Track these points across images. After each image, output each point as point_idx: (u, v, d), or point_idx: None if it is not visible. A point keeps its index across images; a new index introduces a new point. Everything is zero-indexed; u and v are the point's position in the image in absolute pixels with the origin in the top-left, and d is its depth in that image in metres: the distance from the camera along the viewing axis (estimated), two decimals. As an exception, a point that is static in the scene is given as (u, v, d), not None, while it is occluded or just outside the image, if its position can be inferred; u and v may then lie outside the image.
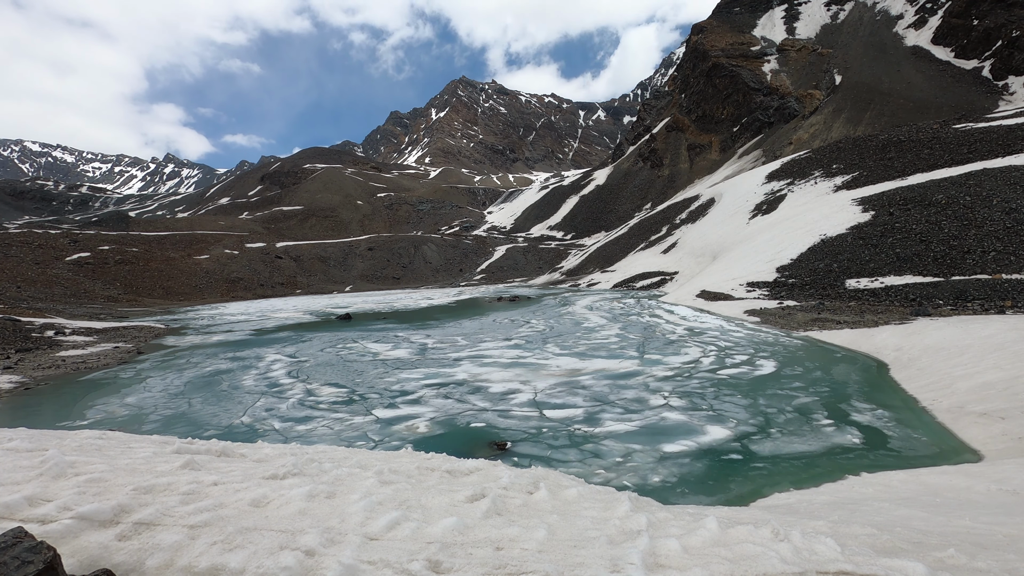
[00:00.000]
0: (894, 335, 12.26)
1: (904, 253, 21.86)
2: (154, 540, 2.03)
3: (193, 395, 10.58)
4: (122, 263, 54.95)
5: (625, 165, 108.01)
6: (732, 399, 8.79)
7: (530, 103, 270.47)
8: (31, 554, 1.56)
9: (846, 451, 6.45)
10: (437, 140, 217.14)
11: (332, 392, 10.34)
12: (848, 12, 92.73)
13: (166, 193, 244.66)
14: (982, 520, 3.47)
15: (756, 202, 42.14)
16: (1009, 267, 18.60)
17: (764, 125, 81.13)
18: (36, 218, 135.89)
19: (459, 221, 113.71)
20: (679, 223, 53.32)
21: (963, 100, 61.35)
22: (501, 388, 10.11)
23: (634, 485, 5.53)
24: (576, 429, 7.51)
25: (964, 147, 32.36)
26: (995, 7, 68.58)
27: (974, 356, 9.17)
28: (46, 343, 17.42)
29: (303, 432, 7.81)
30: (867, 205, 28.09)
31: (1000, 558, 2.46)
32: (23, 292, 37.18)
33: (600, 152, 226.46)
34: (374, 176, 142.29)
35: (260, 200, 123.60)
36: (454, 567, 1.97)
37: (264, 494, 2.66)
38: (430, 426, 7.94)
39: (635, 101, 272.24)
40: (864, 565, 2.06)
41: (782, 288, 23.00)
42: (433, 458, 4.13)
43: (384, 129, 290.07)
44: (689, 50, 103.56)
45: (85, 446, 3.63)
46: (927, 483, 5.07)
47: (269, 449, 4.28)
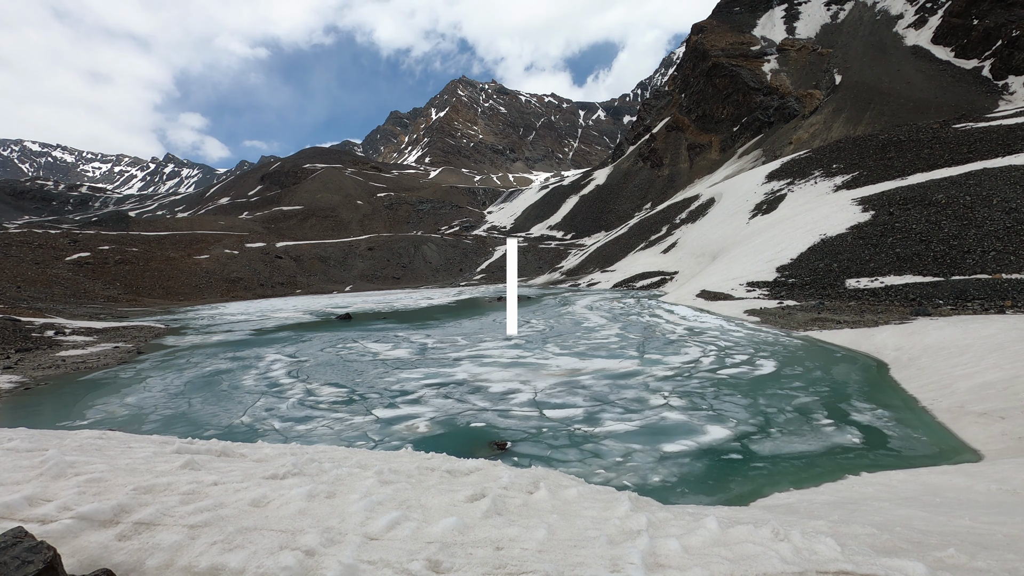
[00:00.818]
0: (894, 335, 12.26)
1: (904, 253, 21.86)
2: (154, 540, 2.03)
3: (193, 395, 10.58)
4: (122, 263, 54.96)
5: (625, 165, 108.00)
6: (732, 399, 8.79)
7: (530, 103, 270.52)
8: (31, 554, 1.56)
9: (846, 451, 6.45)
10: (437, 140, 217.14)
11: (332, 392, 10.34)
12: (848, 12, 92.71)
13: (166, 193, 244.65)
14: (982, 520, 3.47)
15: (756, 202, 42.14)
16: (1009, 267, 18.60)
17: (764, 125, 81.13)
18: (36, 218, 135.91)
19: (459, 221, 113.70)
20: (679, 223, 53.32)
21: (963, 100, 61.34)
22: (501, 388, 10.11)
23: (634, 485, 5.53)
24: (576, 429, 7.51)
25: (964, 147, 32.36)
26: (995, 7, 68.57)
27: (974, 356, 9.17)
28: (46, 343, 17.41)
29: (303, 432, 7.81)
30: (867, 205, 28.09)
31: (1000, 558, 2.46)
32: (23, 292, 37.18)
33: (600, 152, 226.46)
34: (374, 176, 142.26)
35: (260, 200, 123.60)
36: (454, 567, 1.97)
37: (264, 494, 2.66)
38: (430, 426, 7.94)
39: (635, 101, 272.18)
40: (864, 565, 2.06)
41: (782, 288, 22.99)
42: (433, 458, 4.13)
43: (384, 129, 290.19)
44: (689, 50, 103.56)
45: (85, 446, 3.63)
46: (927, 483, 5.07)
47: (269, 449, 4.28)
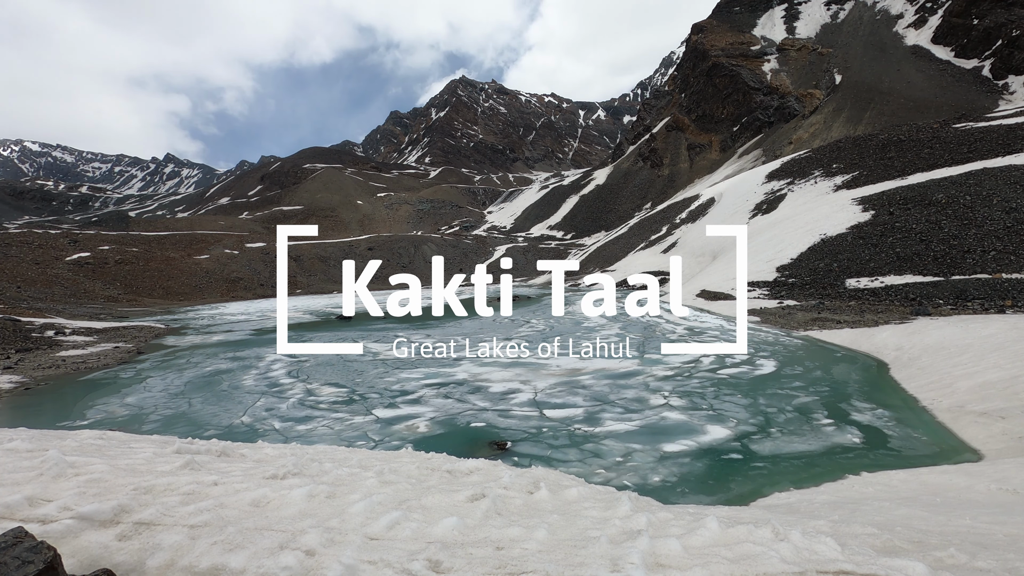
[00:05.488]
0: (894, 335, 12.25)
1: (904, 252, 21.85)
2: (155, 540, 2.03)
3: (193, 395, 10.57)
4: (122, 263, 54.94)
5: (625, 165, 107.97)
6: (732, 399, 8.79)
7: (530, 103, 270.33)
8: (31, 554, 1.56)
9: (846, 450, 6.45)
10: (437, 140, 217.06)
11: (332, 392, 10.33)
12: (848, 12, 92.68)
13: (166, 193, 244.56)
14: (982, 519, 3.47)
15: (756, 202, 42.12)
16: (1009, 266, 18.59)
17: (764, 125, 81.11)
18: (36, 218, 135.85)
19: (459, 221, 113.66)
20: (679, 223, 53.30)
21: (963, 99, 61.32)
22: (501, 388, 10.10)
23: (634, 485, 5.53)
24: (576, 429, 7.51)
25: (964, 146, 32.34)
26: (995, 7, 68.54)
27: (974, 356, 9.16)
28: (46, 343, 17.41)
29: (303, 432, 7.81)
30: (867, 205, 28.08)
31: (1001, 557, 2.46)
32: (23, 292, 37.17)
33: (600, 152, 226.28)
34: (374, 176, 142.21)
35: (260, 200, 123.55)
36: (455, 567, 1.97)
37: (265, 494, 2.66)
38: (430, 426, 7.94)
39: (635, 100, 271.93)
40: (864, 565, 2.06)
41: (782, 288, 22.98)
42: (433, 458, 4.13)
43: (384, 129, 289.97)
44: (689, 50, 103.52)
45: (85, 446, 3.63)
46: (927, 482, 5.07)
47: (269, 449, 4.28)
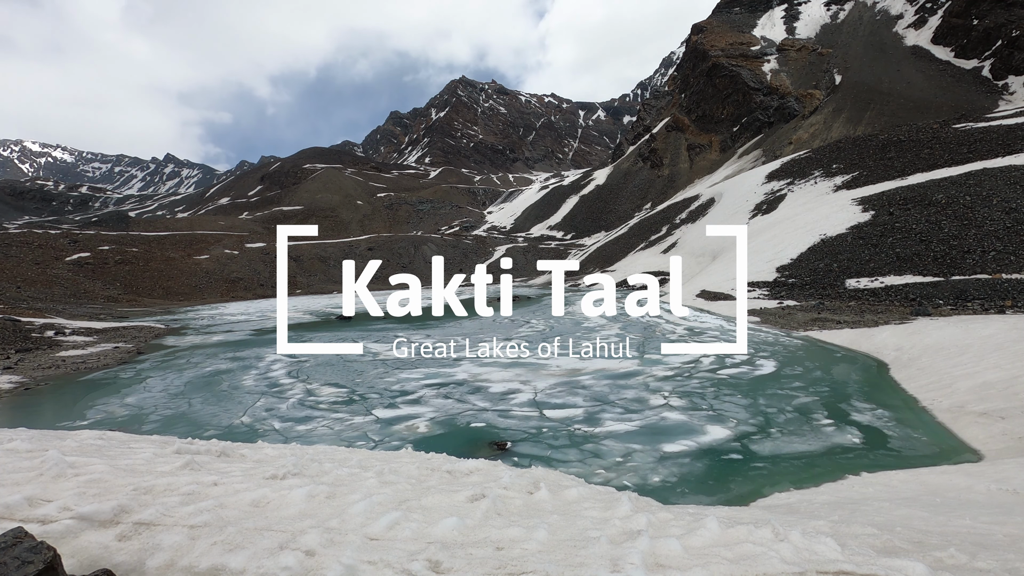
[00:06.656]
0: (894, 335, 12.25)
1: (904, 253, 21.86)
2: (155, 540, 2.03)
3: (193, 395, 10.57)
4: (122, 263, 54.92)
5: (625, 165, 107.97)
6: (732, 399, 8.79)
7: (530, 103, 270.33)
8: (31, 554, 1.56)
9: (846, 451, 6.45)
10: (437, 140, 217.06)
11: (332, 392, 10.33)
12: (848, 12, 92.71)
13: (166, 193, 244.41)
14: (982, 520, 3.47)
15: (756, 202, 42.12)
16: (1009, 267, 18.59)
17: (764, 125, 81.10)
18: (36, 218, 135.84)
19: (459, 221, 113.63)
20: (679, 223, 53.30)
21: (963, 100, 61.32)
22: (501, 388, 10.10)
23: (634, 485, 5.53)
24: (576, 429, 7.51)
25: (964, 147, 32.36)
26: (995, 7, 68.54)
27: (974, 356, 9.16)
28: (46, 343, 17.41)
29: (303, 432, 7.81)
30: (867, 205, 28.08)
31: (1001, 558, 2.46)
32: (23, 292, 37.16)
33: (600, 152, 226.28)
34: (374, 176, 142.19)
35: (260, 200, 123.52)
36: (454, 567, 1.97)
37: (264, 494, 2.66)
38: (430, 426, 7.94)
39: (635, 101, 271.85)
40: (864, 565, 2.06)
41: (782, 288, 22.99)
42: (433, 458, 4.13)
43: (384, 129, 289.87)
44: (689, 50, 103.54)
45: (85, 446, 3.63)
46: (927, 483, 5.07)
47: (269, 449, 4.28)
